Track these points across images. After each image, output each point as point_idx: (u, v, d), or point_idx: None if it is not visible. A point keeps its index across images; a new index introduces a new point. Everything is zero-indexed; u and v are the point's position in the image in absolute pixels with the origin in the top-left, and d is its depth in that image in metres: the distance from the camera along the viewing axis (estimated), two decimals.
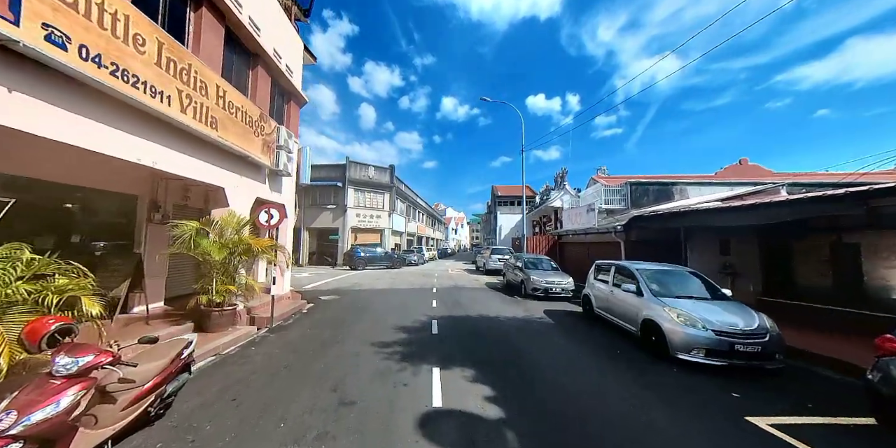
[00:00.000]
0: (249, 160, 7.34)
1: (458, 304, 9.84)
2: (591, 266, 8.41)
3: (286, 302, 9.27)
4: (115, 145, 4.29)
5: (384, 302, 10.07)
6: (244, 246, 6.17)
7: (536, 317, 8.13)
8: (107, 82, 3.84)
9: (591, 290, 7.84)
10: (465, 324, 7.32)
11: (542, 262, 12.43)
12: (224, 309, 6.10)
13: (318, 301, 10.34)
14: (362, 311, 8.76)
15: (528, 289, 10.90)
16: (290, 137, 9.00)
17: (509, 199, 41.29)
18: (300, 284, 13.89)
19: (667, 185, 16.53)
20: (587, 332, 6.75)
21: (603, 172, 22.57)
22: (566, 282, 10.77)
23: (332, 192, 25.95)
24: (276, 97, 9.56)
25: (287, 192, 9.81)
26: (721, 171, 20.79)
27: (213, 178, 6.32)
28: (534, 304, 9.91)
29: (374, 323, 7.35)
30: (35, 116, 3.43)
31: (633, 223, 10.27)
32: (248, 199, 7.59)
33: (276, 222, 7.28)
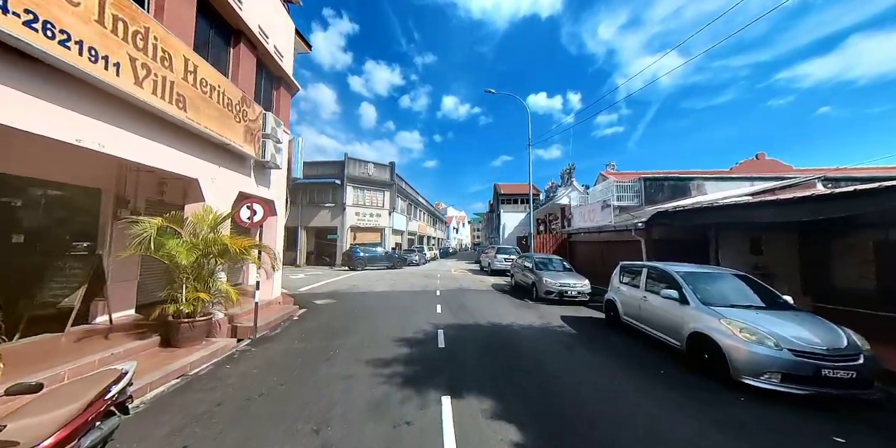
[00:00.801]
0: (229, 149, 6.46)
1: (465, 308, 8.96)
2: (614, 267, 7.54)
3: (275, 308, 8.40)
4: (42, 121, 3.41)
5: (384, 307, 9.20)
6: (219, 246, 5.30)
7: (555, 325, 7.25)
8: (19, 35, 2.96)
9: (615, 295, 6.95)
10: (475, 334, 6.44)
11: (554, 262, 11.54)
12: (196, 320, 5.23)
13: (312, 306, 9.48)
14: (359, 318, 7.89)
15: (541, 292, 10.02)
16: (278, 126, 8.12)
17: (512, 197, 40.37)
18: (295, 286, 13.04)
19: (683, 180, 15.60)
20: (618, 346, 5.86)
21: (612, 168, 21.65)
22: (582, 284, 9.88)
23: (330, 189, 25.08)
24: (263, 81, 8.68)
25: (276, 187, 8.94)
26: (737, 166, 19.85)
27: (183, 167, 5.44)
28: (548, 309, 9.02)
29: (371, 333, 6.48)
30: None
31: (655, 220, 9.38)
32: (228, 194, 6.71)
33: (259, 219, 6.41)
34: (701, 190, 15.47)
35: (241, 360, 5.12)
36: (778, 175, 15.82)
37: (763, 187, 10.88)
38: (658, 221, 9.45)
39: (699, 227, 9.45)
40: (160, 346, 5.19)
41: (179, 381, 4.31)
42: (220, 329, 6.21)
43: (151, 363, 4.56)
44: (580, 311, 9.02)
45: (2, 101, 3.08)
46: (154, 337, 5.22)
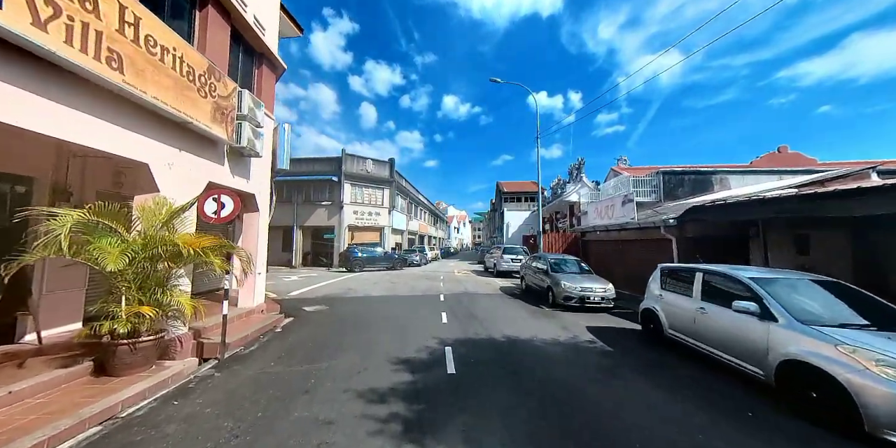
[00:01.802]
0: (192, 128, 5.34)
1: (474, 317, 7.83)
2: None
3: (255, 318, 7.28)
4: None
5: (382, 315, 8.07)
6: (169, 247, 4.17)
7: (584, 339, 6.11)
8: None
9: (656, 305, 5.82)
10: (491, 354, 5.31)
11: (570, 263, 10.41)
12: (140, 340, 4.10)
13: (301, 314, 8.36)
14: (352, 330, 6.77)
15: (558, 297, 8.89)
16: (258, 107, 6.99)
17: (516, 195, 39.24)
18: (285, 290, 11.92)
19: (705, 174, 14.47)
20: (673, 370, 4.69)
21: (624, 163, 20.51)
22: (605, 289, 8.75)
23: (326, 187, 23.97)
24: (242, 57, 7.55)
25: (258, 179, 7.81)
26: (758, 159, 18.70)
27: (124, 147, 4.31)
28: (569, 318, 7.89)
29: (364, 351, 5.35)
30: None
31: (688, 215, 8.24)
32: (193, 183, 5.58)
33: (228, 214, 5.29)
34: (724, 184, 14.35)
35: (197, 392, 4.00)
36: (808, 168, 14.68)
37: (807, 179, 9.74)
38: (692, 217, 8.31)
39: (739, 223, 8.33)
40: (93, 374, 4.07)
41: (101, 428, 3.19)
42: (180, 348, 5.09)
43: (70, 401, 3.44)
44: (606, 320, 7.88)
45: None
46: (86, 362, 4.10)
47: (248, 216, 7.96)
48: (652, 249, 9.94)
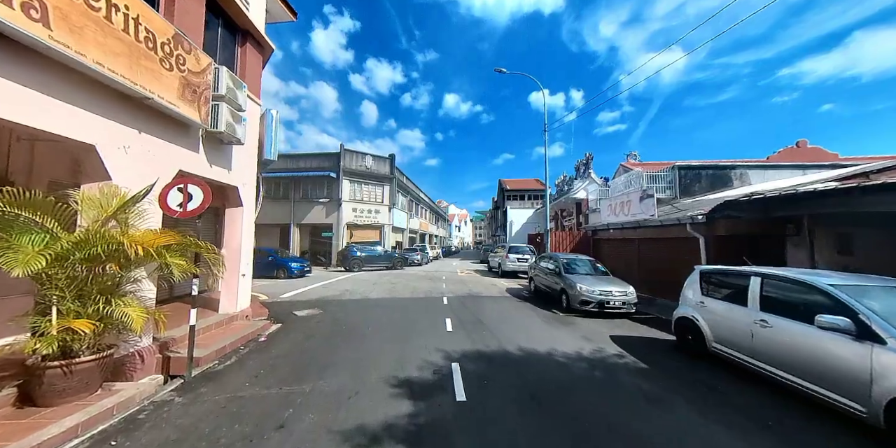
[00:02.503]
0: (155, 106, 4.53)
1: (482, 325, 7.03)
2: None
3: (237, 326, 6.50)
4: None
5: (379, 322, 7.28)
6: (112, 247, 3.36)
7: (611, 353, 5.30)
8: None
9: (696, 314, 5.00)
10: (506, 373, 4.51)
11: (585, 264, 9.59)
12: (76, 361, 3.31)
13: (290, 319, 7.58)
14: (345, 340, 5.98)
15: (573, 301, 8.08)
16: (239, 88, 6.19)
17: (519, 193, 38.42)
18: (277, 292, 11.14)
19: (724, 169, 13.64)
20: (732, 398, 3.81)
21: (634, 158, 19.67)
22: (626, 292, 7.94)
23: (324, 183, 23.16)
24: (222, 32, 6.73)
25: (241, 170, 7.00)
26: (775, 154, 17.83)
27: (61, 124, 3.51)
28: (589, 326, 7.08)
29: (357, 370, 4.56)
30: None
31: (720, 212, 7.42)
32: (157, 172, 4.77)
33: (196, 207, 4.49)
34: (744, 180, 13.51)
35: (145, 426, 3.20)
36: (834, 163, 13.84)
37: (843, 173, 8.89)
38: (724, 213, 7.49)
39: (774, 220, 7.51)
40: (16, 404, 3.27)
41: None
42: (140, 364, 4.33)
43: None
44: (630, 328, 7.07)
45: None
46: (8, 390, 3.31)
47: (232, 211, 7.18)
48: (674, 249, 9.12)
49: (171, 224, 6.37)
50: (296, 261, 15.48)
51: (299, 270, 14.95)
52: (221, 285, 7.04)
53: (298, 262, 15.38)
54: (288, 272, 14.59)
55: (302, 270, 15.10)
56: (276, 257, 15.17)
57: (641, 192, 10.00)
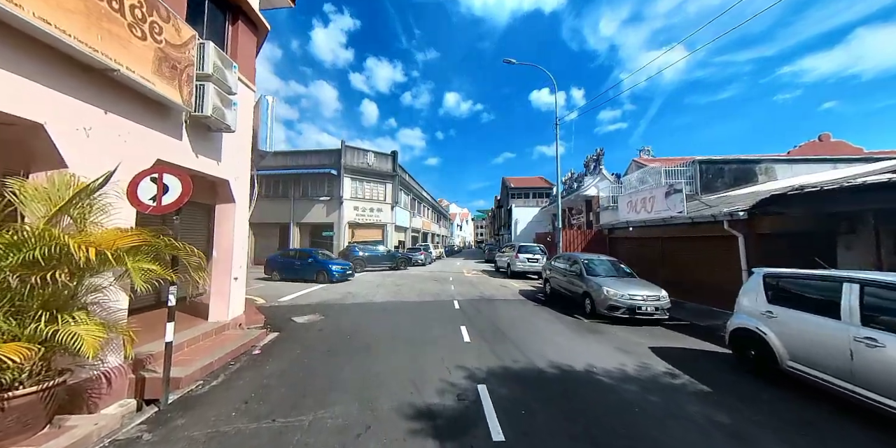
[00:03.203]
0: (123, 81, 3.80)
1: (503, 334, 6.31)
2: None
3: (228, 336, 5.78)
4: None
5: (387, 330, 6.56)
6: (54, 248, 2.62)
7: (660, 370, 4.57)
8: None
9: (763, 326, 4.26)
10: (544, 397, 3.78)
11: (608, 264, 8.85)
12: (8, 397, 2.59)
13: (289, 327, 6.88)
14: (350, 353, 5.25)
15: (600, 306, 7.35)
16: (228, 68, 5.46)
17: (523, 191, 37.69)
18: (276, 295, 10.43)
19: (748, 164, 12.88)
20: (837, 436, 3.11)
21: (647, 153, 18.92)
22: (659, 296, 7.21)
23: (325, 181, 22.45)
24: (209, 6, 5.99)
25: (233, 162, 6.27)
26: (796, 149, 17.06)
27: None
28: (621, 334, 6.36)
29: (365, 393, 3.83)
30: None
31: (763, 207, 6.68)
32: (128, 159, 4.05)
33: (172, 201, 3.77)
34: (770, 175, 12.76)
35: None
36: (866, 156, 13.08)
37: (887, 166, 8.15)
38: (766, 209, 6.75)
39: (824, 217, 6.77)
40: None
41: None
42: (107, 389, 3.62)
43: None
44: (668, 337, 6.34)
45: None
46: None
47: (222, 208, 6.46)
48: (706, 248, 8.39)
49: (160, 222, 5.69)
50: (337, 263, 13.83)
51: (341, 274, 13.36)
52: (212, 290, 6.33)
53: (340, 265, 13.71)
54: (328, 276, 13.05)
55: (344, 274, 13.54)
56: (316, 259, 13.70)
57: (668, 187, 9.25)
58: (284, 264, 13.99)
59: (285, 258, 14.36)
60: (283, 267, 13.92)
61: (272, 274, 14.02)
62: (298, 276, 13.39)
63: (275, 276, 13.89)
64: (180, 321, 6.05)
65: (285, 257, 14.45)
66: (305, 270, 13.41)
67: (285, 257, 14.45)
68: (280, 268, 13.92)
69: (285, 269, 13.77)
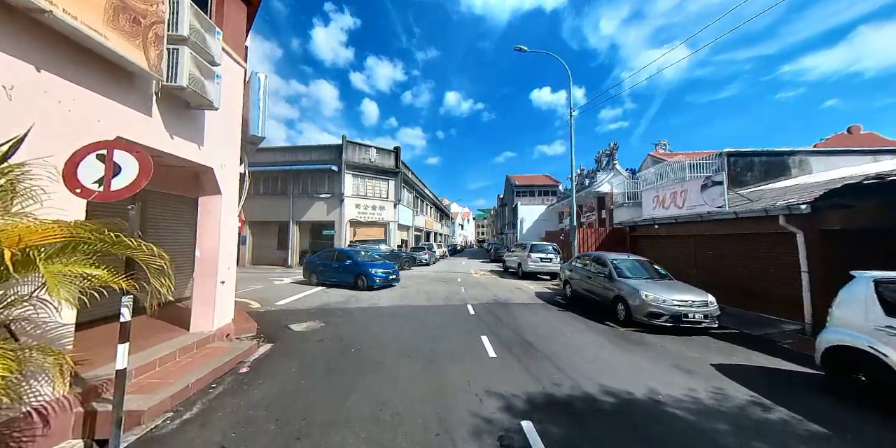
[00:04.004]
0: (56, 25, 2.92)
1: (532, 347, 5.43)
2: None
3: (212, 351, 4.92)
4: None
5: (397, 342, 5.68)
6: None
7: (744, 398, 3.68)
8: None
9: (878, 343, 3.37)
10: (614, 440, 2.90)
11: (639, 265, 7.97)
12: None
13: (284, 337, 6.03)
14: (355, 372, 4.38)
15: (638, 312, 6.47)
16: (210, 33, 4.59)
17: (529, 188, 36.80)
18: (273, 298, 9.58)
19: (780, 156, 11.98)
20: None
21: (663, 148, 18.02)
22: (708, 302, 6.34)
23: (325, 177, 21.57)
24: None
25: (218, 146, 5.40)
26: (823, 141, 16.14)
27: None
28: (669, 346, 5.48)
29: (376, 437, 2.96)
30: None
31: (830, 199, 5.79)
32: (75, 134, 3.17)
33: (125, 186, 2.89)
34: (804, 168, 11.87)
35: None
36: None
37: None
38: (832, 201, 5.87)
39: None
40: None
41: None
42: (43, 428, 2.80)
43: None
44: (723, 350, 5.45)
45: None
46: None
47: (207, 201, 5.59)
48: (752, 247, 7.50)
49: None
50: (379, 266, 11.64)
51: (383, 280, 11.10)
52: (195, 296, 5.47)
53: (383, 268, 11.47)
54: (367, 281, 10.81)
55: (387, 279, 11.24)
56: (354, 260, 11.63)
57: (704, 180, 8.36)
58: (322, 267, 12.16)
59: (323, 260, 12.41)
60: (320, 269, 12.15)
61: (310, 277, 12.39)
62: (336, 281, 11.66)
63: (312, 279, 12.25)
64: (155, 332, 5.21)
65: (323, 258, 12.51)
66: (342, 274, 11.53)
67: (323, 258, 12.51)
68: (317, 270, 12.20)
69: (323, 272, 12.03)
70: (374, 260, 12.45)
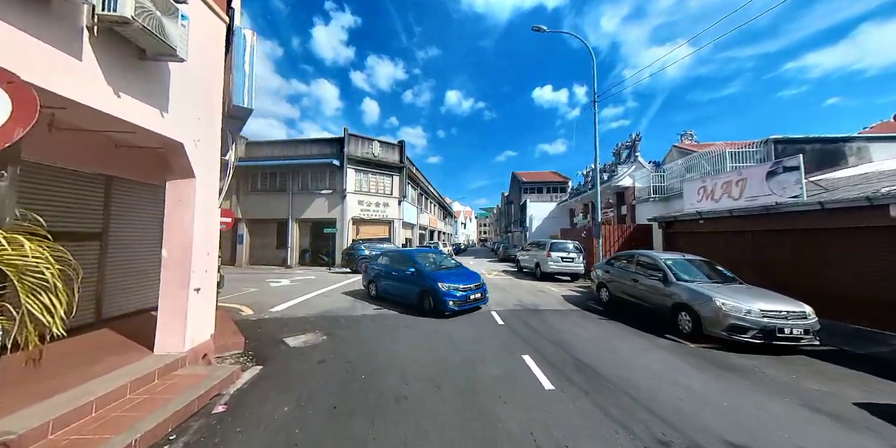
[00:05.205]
0: None
1: (593, 372, 4.23)
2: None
3: (181, 381, 3.73)
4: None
5: (416, 363, 4.48)
6: None
7: None
8: None
9: None
10: None
11: (698, 266, 6.74)
12: None
13: (277, 356, 4.85)
14: (369, 416, 3.16)
15: (714, 325, 5.25)
16: None
17: (537, 185, 35.57)
18: (268, 303, 8.40)
19: (835, 143, 10.74)
20: None
21: (690, 138, 16.76)
22: (806, 312, 5.11)
23: (326, 172, 20.38)
24: None
25: (189, 116, 4.20)
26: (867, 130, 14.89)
27: None
28: (776, 375, 4.27)
29: None
30: None
31: None
32: None
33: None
34: (863, 155, 10.62)
35: None
36: None
37: None
38: None
39: None
40: None
41: None
42: None
43: None
44: (847, 377, 4.23)
45: None
46: None
47: (177, 186, 4.38)
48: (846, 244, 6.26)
49: None
50: (455, 277, 7.42)
51: (461, 301, 6.92)
52: (160, 309, 4.27)
53: (462, 282, 7.20)
54: (438, 304, 6.85)
55: (466, 300, 7.05)
56: (419, 268, 7.59)
57: (772, 165, 7.13)
58: (382, 274, 8.58)
59: (383, 266, 8.72)
60: (380, 277, 8.62)
61: (368, 287, 9.18)
62: (396, 297, 8.11)
63: (371, 289, 8.97)
64: (105, 355, 3.99)
65: (383, 265, 8.75)
66: (403, 285, 7.82)
67: (383, 265, 8.75)
68: (378, 279, 8.70)
69: (382, 279, 8.55)
70: (443, 266, 8.27)
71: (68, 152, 4.71)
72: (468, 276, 7.82)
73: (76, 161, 4.91)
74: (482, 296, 7.52)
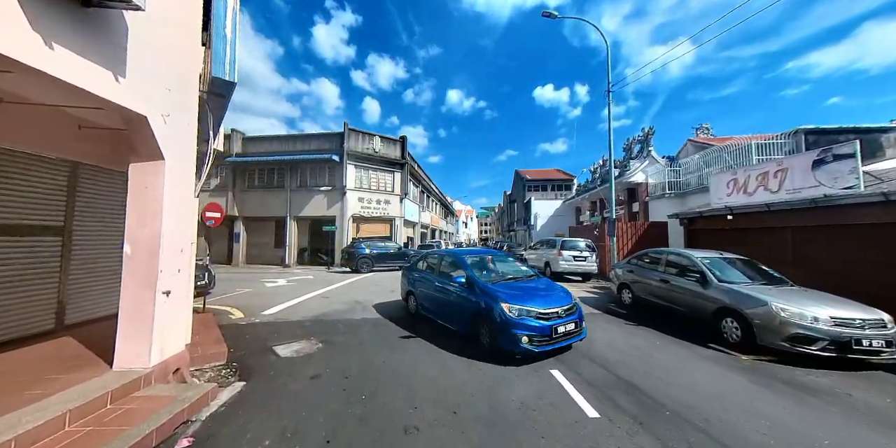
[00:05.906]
0: None
1: (642, 394, 3.52)
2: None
3: (138, 408, 2.99)
4: None
5: (424, 380, 3.78)
6: None
7: None
8: None
9: None
10: None
11: (737, 266, 6.02)
12: None
13: (263, 369, 4.15)
14: None
15: (771, 335, 4.53)
16: None
17: (541, 183, 34.82)
18: (260, 305, 7.70)
19: (871, 133, 10.00)
20: None
21: (705, 132, 16.02)
22: (884, 321, 4.38)
23: (325, 168, 19.68)
24: None
25: (152, 82, 3.47)
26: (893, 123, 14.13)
27: None
28: (856, 393, 3.57)
29: None
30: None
31: None
32: None
33: None
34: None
35: None
36: None
37: None
38: None
39: None
40: None
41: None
42: None
43: None
44: None
45: None
46: None
47: (140, 169, 3.66)
48: None
49: None
50: (530, 297, 4.69)
51: (539, 339, 4.22)
52: (121, 316, 3.55)
53: (538, 304, 4.50)
54: (500, 338, 4.32)
55: (548, 337, 4.27)
56: (473, 280, 5.09)
57: (820, 153, 6.40)
58: (421, 282, 6.50)
59: (423, 272, 6.62)
60: (419, 285, 6.52)
61: (407, 299, 7.03)
62: (437, 316, 5.89)
63: (410, 302, 6.85)
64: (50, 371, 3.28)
65: (423, 270, 6.70)
66: (445, 299, 5.57)
67: (423, 270, 6.70)
68: (416, 289, 6.60)
69: (420, 287, 6.49)
70: (508, 276, 5.66)
71: (25, 134, 4.03)
72: (552, 293, 5.05)
73: (36, 144, 4.23)
74: (577, 327, 4.65)
